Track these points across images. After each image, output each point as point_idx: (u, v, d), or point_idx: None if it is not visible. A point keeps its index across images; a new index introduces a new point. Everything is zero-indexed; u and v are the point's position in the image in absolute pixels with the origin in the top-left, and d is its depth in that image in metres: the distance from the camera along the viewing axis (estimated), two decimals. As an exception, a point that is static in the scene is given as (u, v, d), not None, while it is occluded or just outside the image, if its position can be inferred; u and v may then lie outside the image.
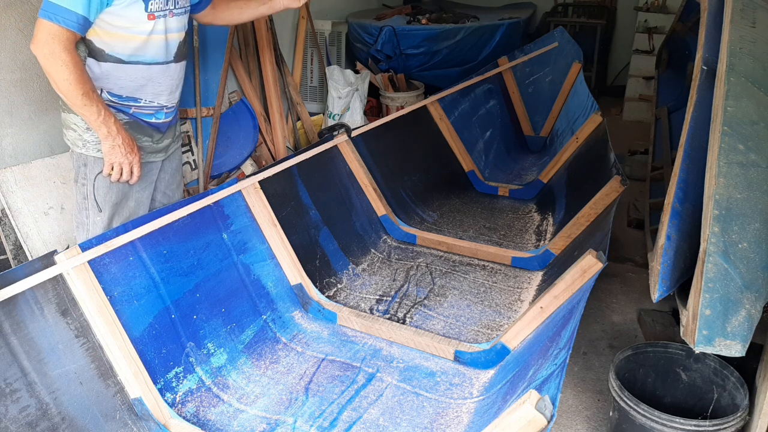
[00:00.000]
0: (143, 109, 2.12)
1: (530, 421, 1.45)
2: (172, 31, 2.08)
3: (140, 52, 2.02)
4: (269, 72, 3.73)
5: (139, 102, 2.10)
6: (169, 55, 2.10)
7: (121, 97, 2.06)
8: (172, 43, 2.10)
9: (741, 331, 1.46)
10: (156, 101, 2.14)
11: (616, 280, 3.16)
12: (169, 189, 2.40)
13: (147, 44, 2.01)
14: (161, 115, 2.18)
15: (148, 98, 2.11)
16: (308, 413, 2.10)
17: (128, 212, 2.21)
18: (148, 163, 2.21)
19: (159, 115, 2.17)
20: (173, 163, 2.38)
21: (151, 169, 2.24)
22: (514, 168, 4.39)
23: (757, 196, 1.60)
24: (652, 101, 5.03)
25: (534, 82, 4.80)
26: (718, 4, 2.52)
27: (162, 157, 2.27)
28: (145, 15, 1.95)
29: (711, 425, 1.77)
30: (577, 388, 2.41)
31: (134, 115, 2.11)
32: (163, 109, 2.17)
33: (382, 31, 4.93)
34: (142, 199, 2.25)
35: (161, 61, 2.08)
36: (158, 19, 1.99)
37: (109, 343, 1.98)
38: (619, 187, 2.88)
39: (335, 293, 2.81)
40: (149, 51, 2.03)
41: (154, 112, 2.15)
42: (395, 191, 3.52)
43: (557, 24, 5.83)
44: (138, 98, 2.09)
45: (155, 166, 2.27)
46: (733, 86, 1.86)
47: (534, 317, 2.26)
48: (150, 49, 2.03)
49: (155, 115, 2.16)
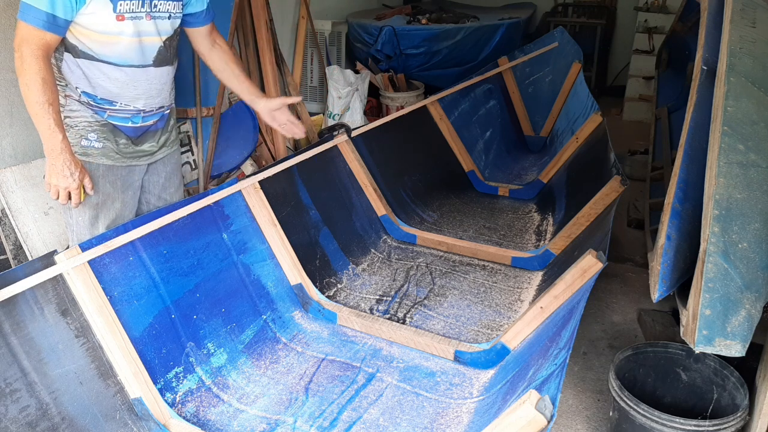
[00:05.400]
0: (118, 113, 2.07)
1: (530, 421, 1.45)
2: (148, 35, 2.01)
3: (111, 53, 1.97)
4: (269, 72, 3.73)
5: (114, 105, 2.05)
6: (146, 58, 2.05)
7: (96, 98, 2.03)
8: (150, 47, 2.04)
9: (741, 331, 1.46)
10: (132, 105, 2.08)
11: (616, 280, 3.16)
12: (165, 193, 2.36)
13: (117, 45, 1.96)
14: (138, 119, 2.12)
15: (124, 101, 2.06)
16: (308, 413, 2.10)
17: (114, 214, 2.17)
18: (127, 166, 2.15)
19: (135, 120, 2.11)
20: (168, 166, 2.33)
21: (131, 171, 2.18)
22: (514, 168, 4.39)
23: (757, 196, 1.60)
24: (652, 101, 5.04)
25: (534, 82, 4.80)
26: (718, 4, 2.52)
27: (147, 160, 2.22)
28: (114, 16, 1.90)
29: (711, 425, 1.77)
30: (577, 388, 2.41)
31: (109, 118, 2.07)
32: (140, 114, 2.11)
33: (382, 31, 4.94)
34: (127, 200, 2.20)
35: (136, 64, 2.03)
36: (129, 21, 1.94)
37: (109, 343, 1.98)
38: (619, 187, 2.88)
39: (335, 293, 2.81)
40: (120, 53, 1.98)
41: (131, 116, 2.10)
42: (395, 191, 3.52)
43: (557, 24, 5.84)
44: (113, 101, 2.05)
45: (138, 170, 2.21)
46: (733, 86, 1.86)
47: (534, 317, 2.26)
48: (120, 50, 1.97)
49: (131, 120, 2.10)
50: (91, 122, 2.06)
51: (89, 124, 2.06)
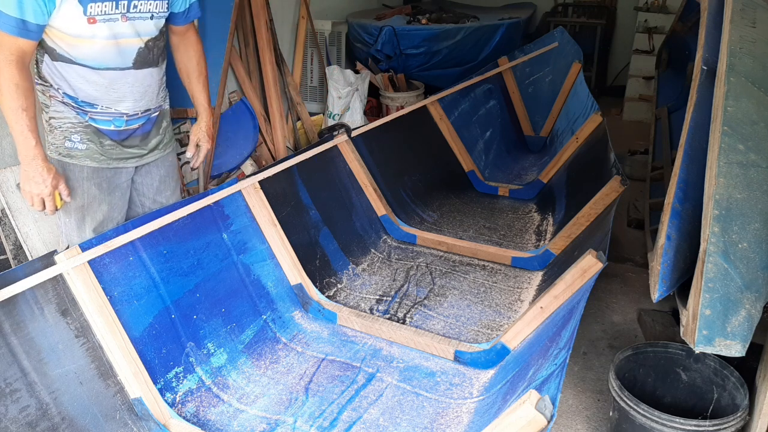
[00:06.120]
0: (99, 115, 2.03)
1: (530, 421, 1.45)
2: (125, 36, 1.95)
3: (86, 56, 1.93)
4: (269, 72, 3.73)
5: (95, 107, 2.02)
6: (125, 61, 2.00)
7: (77, 100, 1.99)
8: (128, 49, 1.99)
9: (741, 331, 1.46)
10: (114, 108, 2.04)
11: (616, 280, 3.16)
12: (160, 195, 2.32)
13: (91, 48, 1.91)
14: (120, 122, 2.08)
15: (104, 104, 2.02)
16: (308, 413, 2.10)
17: (101, 216, 2.14)
18: (113, 168, 2.12)
19: (118, 123, 2.07)
20: (161, 169, 2.29)
21: (117, 173, 2.14)
22: (514, 168, 4.39)
23: (757, 196, 1.60)
24: (652, 101, 5.03)
25: (534, 82, 4.80)
26: (718, 4, 2.52)
27: (135, 163, 2.17)
28: (84, 19, 1.85)
29: (711, 425, 1.77)
30: (577, 388, 2.41)
31: (91, 120, 2.03)
32: (123, 117, 2.07)
33: (382, 31, 4.93)
34: (115, 202, 2.17)
35: (114, 66, 1.98)
36: (101, 23, 1.88)
37: (109, 343, 1.98)
38: (619, 187, 2.88)
39: (335, 293, 2.81)
40: (95, 56, 1.93)
41: (113, 119, 2.06)
42: (395, 191, 3.52)
43: (557, 24, 5.84)
44: (94, 104, 2.01)
45: (125, 172, 2.17)
46: (733, 86, 1.86)
47: (534, 317, 2.26)
48: (95, 53, 1.93)
49: (113, 122, 2.06)
50: (75, 123, 2.03)
51: (73, 125, 2.03)
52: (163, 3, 2.04)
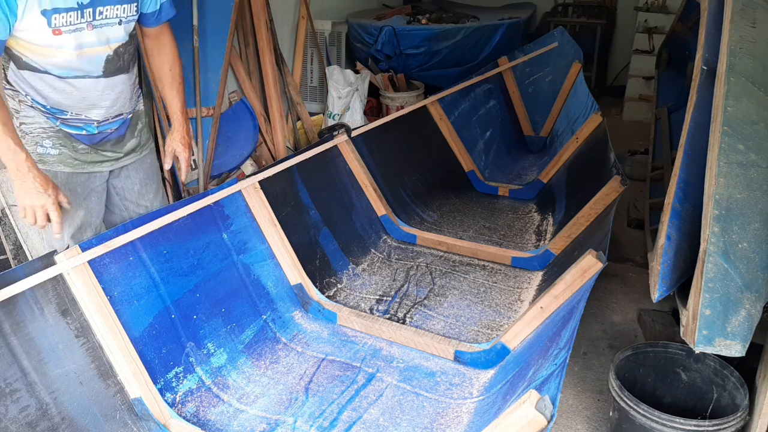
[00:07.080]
0: (70, 122, 1.99)
1: (530, 421, 1.45)
2: (92, 45, 1.89)
3: (54, 65, 1.88)
4: (269, 72, 3.73)
5: (65, 114, 1.97)
6: (94, 69, 1.94)
7: (46, 106, 1.95)
8: (97, 57, 1.93)
9: (741, 331, 1.46)
10: (84, 114, 2.00)
11: (616, 280, 3.16)
12: (143, 200, 2.28)
13: (59, 58, 1.86)
14: (92, 128, 2.03)
15: (74, 111, 1.98)
16: (308, 413, 2.10)
17: (79, 221, 2.10)
18: (87, 173, 2.08)
19: (90, 128, 2.03)
20: (141, 172, 2.24)
21: (91, 178, 2.10)
22: (514, 168, 4.39)
23: (757, 196, 1.60)
24: (652, 101, 5.03)
25: (534, 82, 4.80)
26: (718, 4, 2.52)
27: (110, 166, 2.13)
28: (49, 30, 1.78)
29: (711, 425, 1.77)
30: (577, 388, 2.41)
31: (62, 126, 1.99)
32: (93, 123, 2.03)
33: (382, 31, 4.93)
34: (91, 206, 2.13)
35: (81, 75, 1.92)
36: (67, 34, 1.82)
37: (109, 343, 1.98)
38: (619, 187, 2.88)
39: (335, 293, 2.81)
40: (63, 65, 1.88)
41: (84, 125, 2.02)
42: (395, 191, 3.52)
43: (557, 24, 5.83)
44: (64, 110, 1.97)
45: (100, 176, 2.13)
46: (733, 86, 1.86)
47: (534, 317, 2.26)
48: (62, 62, 1.87)
49: (85, 128, 2.02)
50: (46, 128, 1.98)
51: (44, 130, 1.98)
52: (132, 6, 1.96)
